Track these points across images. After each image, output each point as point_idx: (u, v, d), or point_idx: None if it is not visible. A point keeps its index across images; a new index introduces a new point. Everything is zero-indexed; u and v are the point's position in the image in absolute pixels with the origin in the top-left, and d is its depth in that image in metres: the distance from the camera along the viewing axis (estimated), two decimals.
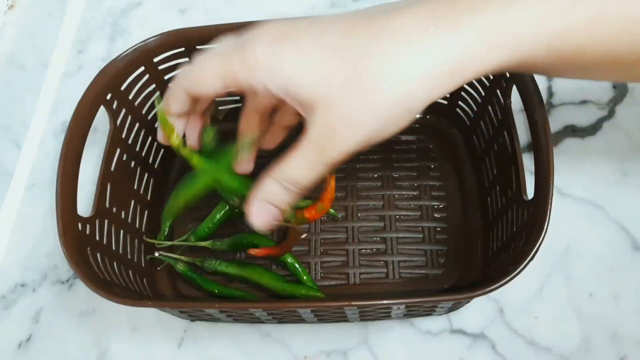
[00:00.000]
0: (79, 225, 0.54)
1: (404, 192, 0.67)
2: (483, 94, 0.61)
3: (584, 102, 0.70)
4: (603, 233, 0.63)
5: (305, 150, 0.42)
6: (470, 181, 0.66)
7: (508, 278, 0.45)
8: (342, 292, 0.62)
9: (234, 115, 0.70)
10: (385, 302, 0.48)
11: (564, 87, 0.71)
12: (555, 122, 0.69)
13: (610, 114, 0.69)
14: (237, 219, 0.64)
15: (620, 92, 0.70)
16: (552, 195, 0.47)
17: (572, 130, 0.68)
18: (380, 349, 0.60)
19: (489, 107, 0.61)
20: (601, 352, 0.58)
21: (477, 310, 0.60)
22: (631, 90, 0.70)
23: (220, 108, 0.69)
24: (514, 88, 0.54)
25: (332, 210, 0.66)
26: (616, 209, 0.64)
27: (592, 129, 0.68)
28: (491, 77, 0.58)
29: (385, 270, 0.63)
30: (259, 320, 0.60)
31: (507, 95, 0.56)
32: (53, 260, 0.68)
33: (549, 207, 0.46)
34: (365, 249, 0.64)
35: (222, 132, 0.52)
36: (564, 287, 0.61)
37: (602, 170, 0.58)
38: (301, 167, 0.43)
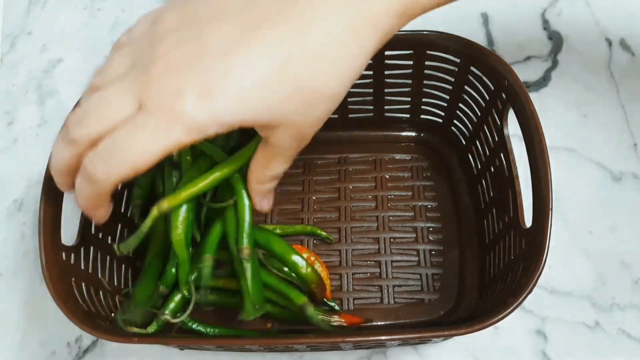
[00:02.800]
0: (63, 254, 0.51)
1: (398, 214, 0.65)
2: (479, 113, 0.60)
3: (527, 58, 0.73)
4: (583, 173, 0.66)
5: (278, 152, 0.42)
6: (466, 203, 0.65)
7: (506, 312, 0.43)
8: None
9: None
10: (381, 338, 0.46)
11: (505, 48, 0.74)
12: None
13: (555, 63, 0.73)
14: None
15: (556, 42, 0.74)
16: (551, 224, 0.46)
17: (527, 87, 0.71)
18: None
19: (485, 127, 0.59)
20: (616, 282, 0.61)
21: None
22: (566, 38, 0.74)
23: None
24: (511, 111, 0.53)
25: (324, 233, 0.64)
26: (587, 148, 0.67)
27: (542, 81, 0.72)
28: (487, 97, 0.57)
29: (379, 295, 0.61)
30: (248, 350, 0.58)
31: (503, 117, 0.55)
32: (49, 347, 0.63)
33: (548, 237, 0.45)
34: (359, 273, 0.63)
35: None
36: (565, 232, 0.64)
37: (564, 117, 0.62)
38: (280, 164, 0.43)
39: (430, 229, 0.64)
